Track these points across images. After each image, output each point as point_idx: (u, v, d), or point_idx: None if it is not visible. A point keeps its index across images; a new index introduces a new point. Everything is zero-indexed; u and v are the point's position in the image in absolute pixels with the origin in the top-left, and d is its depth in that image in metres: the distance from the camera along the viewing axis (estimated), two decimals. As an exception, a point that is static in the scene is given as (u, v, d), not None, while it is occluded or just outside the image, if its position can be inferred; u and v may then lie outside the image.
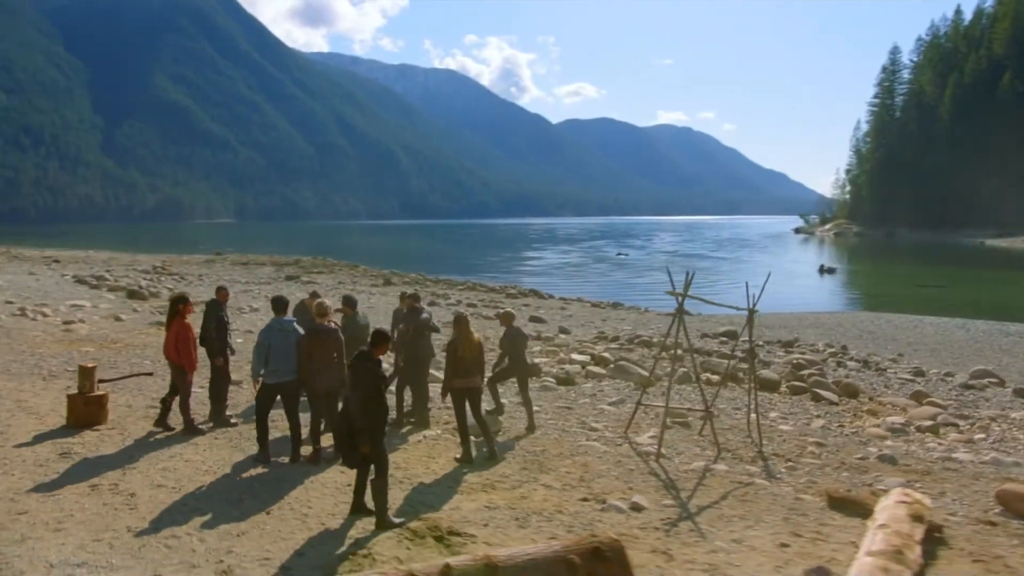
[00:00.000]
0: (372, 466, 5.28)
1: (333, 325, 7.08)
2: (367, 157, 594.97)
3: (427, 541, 4.83)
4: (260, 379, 6.82)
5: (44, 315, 16.89)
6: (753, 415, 9.09)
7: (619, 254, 75.23)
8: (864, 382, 13.62)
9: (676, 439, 7.79)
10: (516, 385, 8.68)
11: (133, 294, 23.58)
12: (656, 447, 7.19)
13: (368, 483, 5.28)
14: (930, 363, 17.81)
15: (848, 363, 15.85)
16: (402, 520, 5.24)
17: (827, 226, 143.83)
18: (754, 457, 7.24)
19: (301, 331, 6.86)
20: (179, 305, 7.87)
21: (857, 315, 28.53)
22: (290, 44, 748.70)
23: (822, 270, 55.49)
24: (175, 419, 7.64)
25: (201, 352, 8.11)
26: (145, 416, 8.01)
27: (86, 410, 7.63)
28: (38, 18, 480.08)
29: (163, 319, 15.60)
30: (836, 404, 11.15)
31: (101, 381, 7.92)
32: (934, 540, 4.94)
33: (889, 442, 8.22)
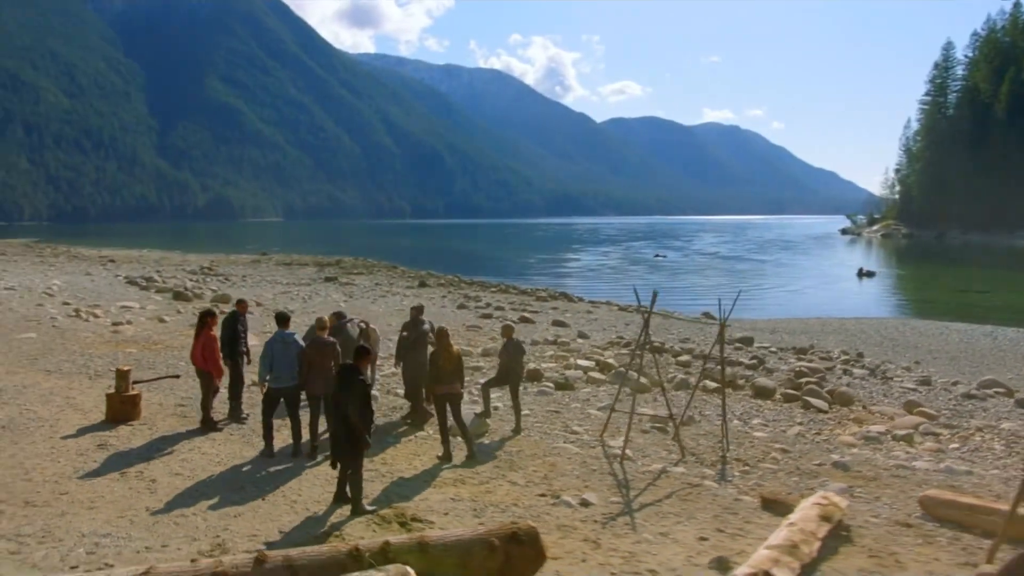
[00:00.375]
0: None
1: (331, 339, 7.93)
2: (412, 157, 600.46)
3: (392, 526, 5.62)
4: (266, 383, 7.65)
5: (95, 316, 18.23)
6: (732, 421, 9.69)
7: (656, 256, 75.21)
8: (864, 390, 13.99)
9: (649, 443, 8.43)
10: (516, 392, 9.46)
11: (178, 295, 24.96)
12: (623, 450, 7.88)
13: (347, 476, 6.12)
14: (945, 371, 17.97)
15: (855, 371, 16.17)
16: (374, 508, 6.03)
17: (875, 227, 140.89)
18: (715, 461, 7.83)
19: (301, 343, 7.73)
20: (206, 319, 8.82)
21: (884, 321, 28.51)
22: (337, 46, 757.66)
23: (860, 274, 54.61)
24: (219, 413, 8.68)
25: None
26: (172, 414, 9.00)
27: (122, 408, 8.62)
28: (101, 25, 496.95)
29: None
30: (825, 412, 11.62)
31: (135, 382, 8.93)
32: (840, 537, 5.53)
33: (856, 450, 8.72)
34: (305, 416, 7.76)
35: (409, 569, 4.08)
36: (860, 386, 14.37)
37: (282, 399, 7.61)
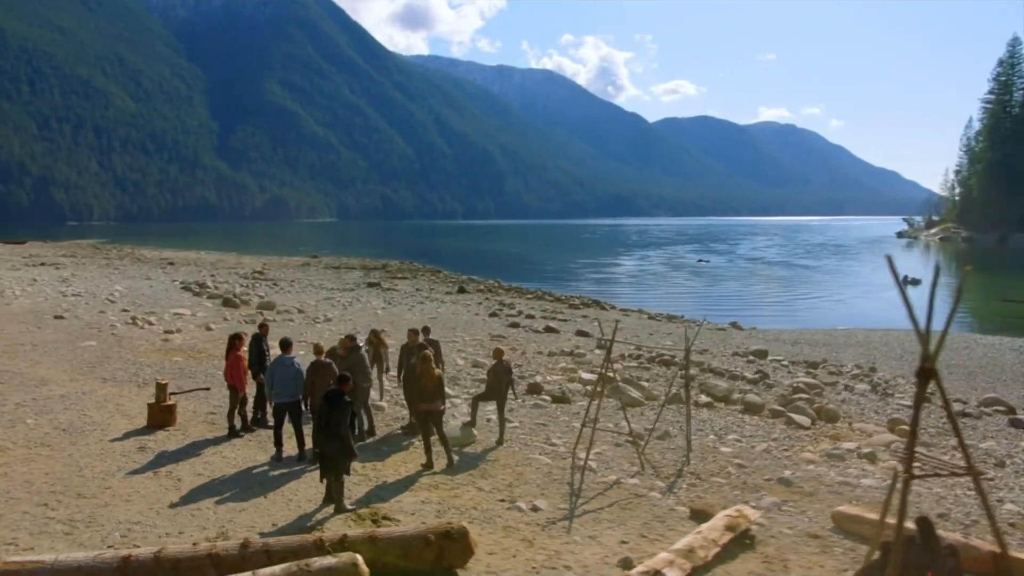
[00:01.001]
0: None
1: (327, 360, 9.08)
2: (464, 158, 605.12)
3: (366, 523, 6.70)
4: (272, 397, 8.88)
5: (150, 323, 19.89)
6: (709, 436, 10.57)
7: (699, 261, 75.08)
8: (858, 407, 14.57)
9: (618, 456, 9.32)
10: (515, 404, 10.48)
11: (227, 302, 26.64)
12: (588, 462, 8.83)
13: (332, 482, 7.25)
14: (957, 387, 18.31)
15: (858, 386, 16.69)
16: (354, 507, 7.13)
17: (932, 230, 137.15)
18: (672, 474, 8.70)
19: (298, 365, 8.93)
20: (235, 341, 10.11)
21: (910, 333, 28.43)
22: (391, 48, 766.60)
23: (905, 282, 53.89)
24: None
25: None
26: (203, 421, 10.29)
27: (160, 415, 9.89)
28: (165, 33, 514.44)
29: (244, 329, 18.21)
30: (806, 428, 12.30)
31: (172, 393, 10.27)
32: (744, 545, 6.38)
33: (811, 467, 9.46)
34: (307, 427, 8.96)
35: (357, 556, 5.17)
36: (856, 402, 14.94)
37: (284, 413, 8.83)
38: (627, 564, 5.87)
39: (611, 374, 11.24)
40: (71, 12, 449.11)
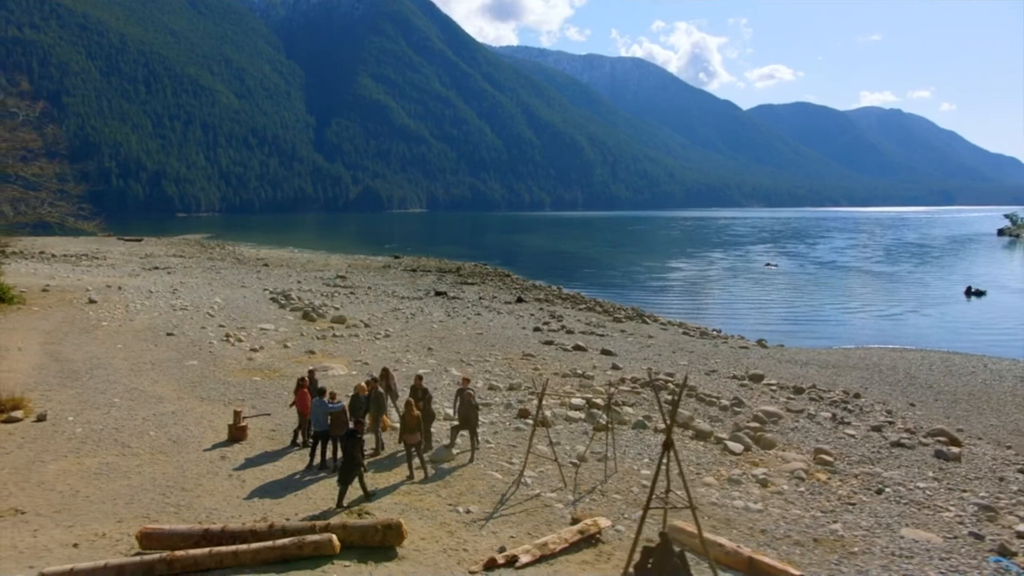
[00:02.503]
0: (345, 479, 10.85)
1: (341, 404, 12.63)
2: (552, 148, 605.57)
3: (352, 516, 10.22)
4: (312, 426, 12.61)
5: (239, 340, 24.28)
6: (643, 459, 13.70)
7: (767, 265, 75.63)
8: (803, 435, 17.09)
9: (554, 474, 12.53)
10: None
11: (306, 315, 30.95)
12: (525, 478, 12.08)
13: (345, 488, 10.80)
14: (930, 415, 20.46)
15: (821, 414, 19.10)
16: (348, 506, 10.67)
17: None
18: (585, 491, 11.85)
19: (327, 404, 12.50)
20: (301, 382, 13.80)
21: (928, 355, 29.95)
22: (481, 40, 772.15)
23: (969, 293, 52.88)
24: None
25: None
26: (266, 437, 14.05)
27: (236, 432, 13.68)
28: (266, 32, 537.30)
29: (314, 346, 22.23)
30: (737, 454, 15.15)
31: (245, 417, 14.15)
32: (592, 544, 9.50)
33: (702, 488, 12.40)
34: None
35: (333, 536, 8.68)
36: (805, 430, 17.50)
37: (319, 438, 12.49)
38: (502, 550, 9.16)
39: (547, 412, 14.41)
40: (182, 15, 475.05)
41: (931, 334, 37.21)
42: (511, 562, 8.71)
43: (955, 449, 16.71)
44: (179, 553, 8.65)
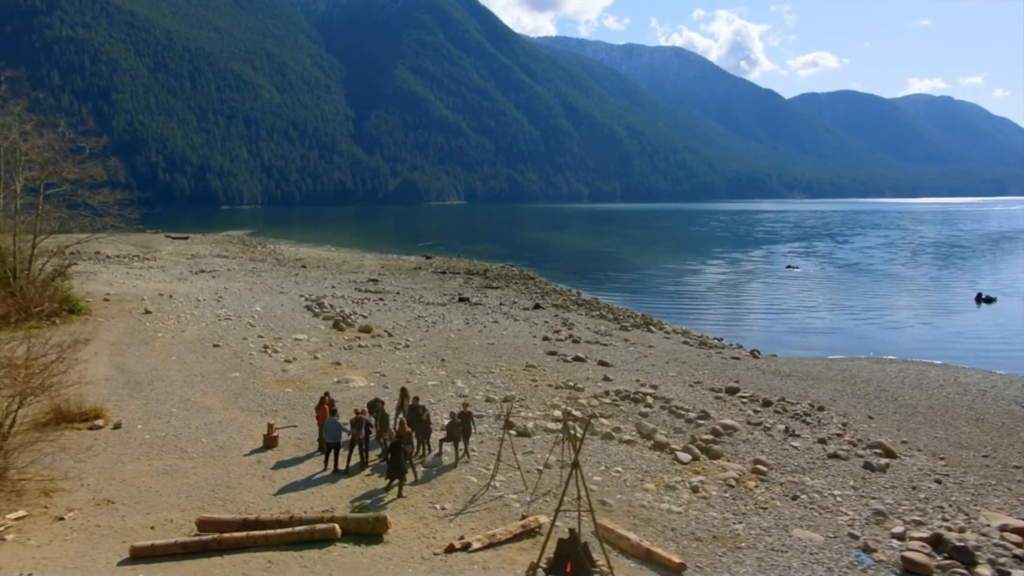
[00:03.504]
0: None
1: (367, 417, 15.68)
2: (590, 139, 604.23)
3: (356, 509, 13.35)
4: (325, 438, 15.75)
5: (276, 351, 27.69)
6: (601, 467, 16.62)
7: (788, 267, 77.11)
8: (752, 446, 19.66)
9: (519, 479, 15.45)
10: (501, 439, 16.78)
11: (336, 324, 34.29)
12: (494, 483, 15.03)
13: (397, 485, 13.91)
14: (880, 428, 22.86)
15: (777, 426, 21.64)
16: (358, 502, 13.82)
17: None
18: (544, 493, 14.73)
19: (338, 422, 15.56)
20: (323, 399, 16.98)
21: (906, 367, 32.05)
22: (519, 31, 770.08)
23: (979, 299, 53.71)
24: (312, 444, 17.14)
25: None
26: (294, 444, 17.14)
27: (269, 441, 16.81)
28: (307, 26, 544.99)
29: (340, 357, 25.35)
30: (685, 463, 17.91)
31: (276, 428, 17.40)
32: (533, 536, 12.42)
33: (638, 493, 15.22)
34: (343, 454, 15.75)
35: (336, 525, 11.79)
36: (756, 442, 20.12)
37: (332, 448, 15.64)
38: (461, 539, 12.17)
39: (529, 424, 17.41)
40: (225, 11, 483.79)
41: (925, 345, 39.08)
42: (465, 547, 11.73)
43: (884, 461, 19.22)
44: (226, 535, 11.86)
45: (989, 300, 53.76)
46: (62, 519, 12.47)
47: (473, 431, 16.66)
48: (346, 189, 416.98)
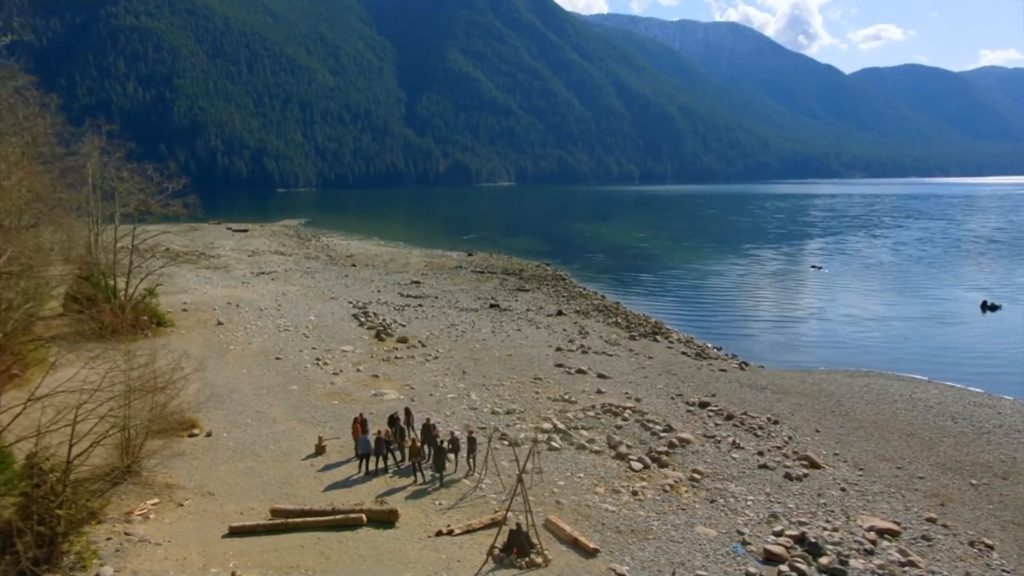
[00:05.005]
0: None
1: (385, 437, 21.15)
2: (641, 119, 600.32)
3: (377, 503, 18.75)
4: (359, 449, 21.24)
5: (326, 363, 33.50)
6: (567, 473, 21.90)
7: (813, 267, 79.69)
8: (699, 457, 24.47)
9: (502, 484, 20.68)
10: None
11: (378, 335, 39.96)
12: (481, 485, 20.32)
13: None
14: (825, 441, 27.27)
15: (727, 439, 26.43)
16: (382, 497, 19.23)
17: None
18: (516, 494, 20.05)
19: (367, 438, 20.97)
20: (355, 420, 22.53)
21: (874, 381, 35.93)
22: (570, 8, 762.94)
23: (984, 307, 55.20)
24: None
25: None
26: (336, 451, 22.75)
27: (319, 448, 22.36)
28: (358, 8, 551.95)
29: (379, 369, 30.94)
30: (637, 471, 22.94)
31: (324, 439, 23.01)
32: (497, 525, 17.67)
33: (588, 495, 20.26)
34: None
35: (363, 514, 17.14)
36: (703, 453, 24.89)
37: (363, 457, 21.10)
38: (448, 527, 17.53)
39: (520, 435, 22.75)
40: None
41: (910, 356, 41.77)
42: (449, 532, 17.13)
43: (805, 471, 23.93)
44: (289, 520, 17.50)
45: (994, 308, 55.35)
46: (181, 505, 18.27)
47: (477, 451, 21.92)
48: (398, 171, 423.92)
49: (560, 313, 51.00)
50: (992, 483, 23.98)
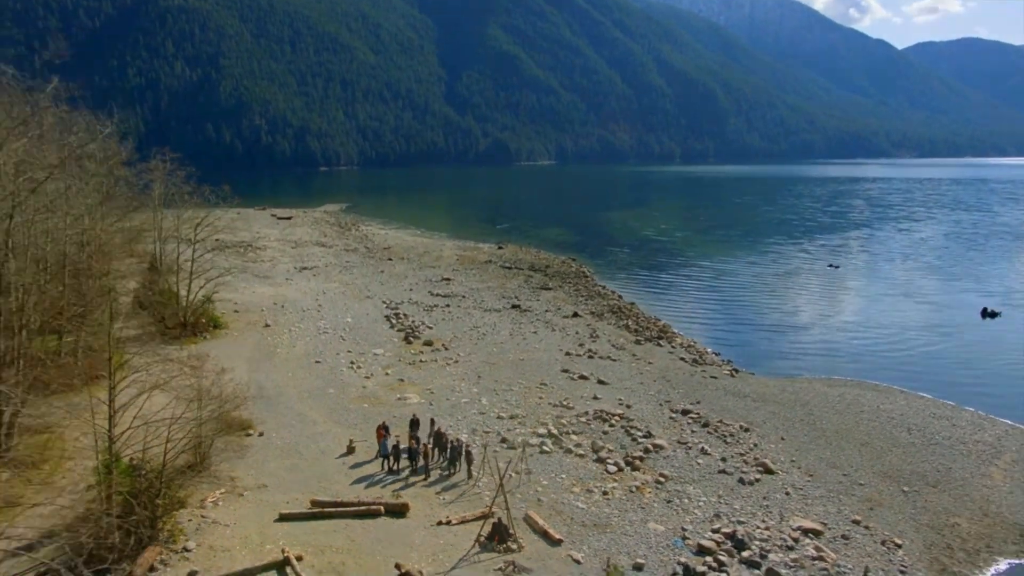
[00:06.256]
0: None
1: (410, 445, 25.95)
2: (684, 97, 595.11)
3: (394, 497, 23.63)
4: (381, 450, 26.07)
5: (359, 367, 38.55)
6: (552, 474, 26.63)
7: (829, 266, 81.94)
8: (668, 462, 28.91)
9: (494, 482, 25.39)
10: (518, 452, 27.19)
11: (406, 337, 44.90)
12: (478, 483, 24.99)
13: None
14: (786, 448, 31.33)
15: (697, 446, 30.72)
16: (398, 492, 24.10)
17: None
18: (508, 491, 24.69)
19: (388, 440, 25.78)
20: (379, 427, 27.43)
21: (848, 391, 39.46)
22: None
23: (984, 314, 57.15)
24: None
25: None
26: (364, 451, 27.51)
27: (349, 448, 27.22)
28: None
29: (405, 373, 35.93)
30: (612, 474, 27.47)
31: (354, 441, 27.92)
32: (485, 517, 22.40)
33: (565, 494, 24.92)
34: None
35: (382, 507, 21.96)
36: (673, 458, 29.24)
37: (384, 458, 25.91)
38: (447, 518, 22.31)
39: (519, 439, 27.48)
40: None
41: (895, 364, 44.75)
42: (448, 522, 21.98)
43: (758, 476, 28.20)
44: (325, 509, 22.51)
45: (993, 315, 57.52)
46: (242, 495, 23.37)
47: (472, 460, 26.56)
48: (438, 150, 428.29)
49: (575, 315, 55.08)
50: (922, 491, 27.86)
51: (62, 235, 29.07)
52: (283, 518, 21.80)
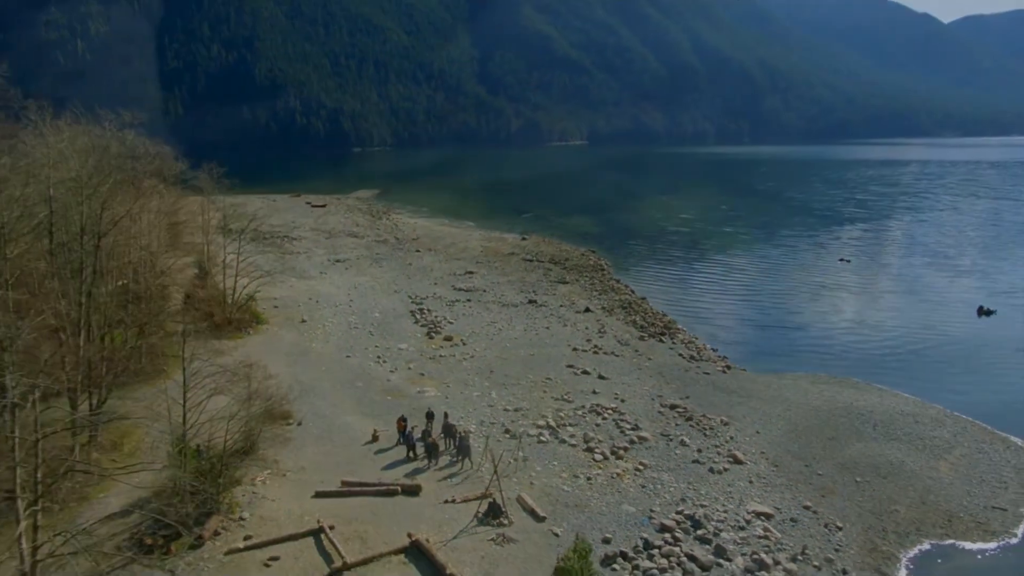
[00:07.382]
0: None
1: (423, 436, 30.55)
2: (719, 76, 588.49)
3: (409, 480, 28.32)
4: (401, 440, 30.72)
5: (384, 361, 43.34)
6: (538, 460, 31.21)
7: (840, 259, 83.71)
8: (649, 453, 33.26)
9: (498, 468, 29.85)
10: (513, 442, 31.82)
11: (428, 332, 49.47)
12: (481, 469, 29.60)
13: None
14: (760, 441, 35.34)
15: (677, 438, 34.92)
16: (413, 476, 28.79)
17: None
18: (504, 475, 29.15)
19: (409, 431, 30.33)
20: (400, 419, 32.02)
21: (829, 387, 42.70)
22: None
23: (980, 312, 59.02)
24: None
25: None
26: (386, 439, 32.21)
27: (374, 437, 31.73)
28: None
29: (425, 368, 40.68)
30: (599, 462, 31.85)
31: (378, 431, 32.60)
32: (484, 497, 26.96)
33: (555, 479, 29.31)
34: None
35: (399, 487, 26.67)
36: (654, 449, 33.47)
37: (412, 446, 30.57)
38: (452, 497, 26.90)
39: (520, 430, 32.09)
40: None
41: (880, 364, 47.74)
42: (452, 501, 26.64)
43: (726, 467, 32.32)
44: (353, 488, 27.30)
45: (989, 313, 59.58)
46: (285, 476, 28.26)
47: (471, 450, 31.01)
48: (470, 130, 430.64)
49: (587, 310, 58.89)
50: (873, 481, 31.63)
51: (126, 251, 34.09)
52: (318, 495, 26.62)
